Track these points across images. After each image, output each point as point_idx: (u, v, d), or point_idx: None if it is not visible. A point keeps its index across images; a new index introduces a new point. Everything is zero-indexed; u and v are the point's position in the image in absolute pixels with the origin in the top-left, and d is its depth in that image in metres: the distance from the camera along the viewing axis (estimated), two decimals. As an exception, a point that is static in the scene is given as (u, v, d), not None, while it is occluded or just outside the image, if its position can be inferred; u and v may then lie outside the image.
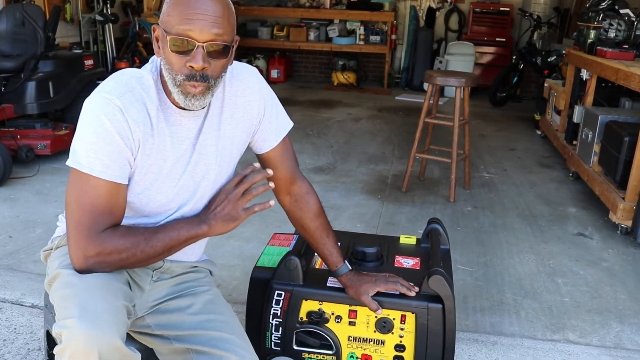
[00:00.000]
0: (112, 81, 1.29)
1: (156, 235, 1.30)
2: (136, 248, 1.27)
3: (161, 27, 1.26)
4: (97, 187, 1.24)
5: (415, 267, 1.75)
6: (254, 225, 3.09)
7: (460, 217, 3.44)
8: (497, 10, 7.63)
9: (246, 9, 8.12)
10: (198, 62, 1.22)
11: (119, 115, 1.24)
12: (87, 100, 1.27)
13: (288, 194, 1.60)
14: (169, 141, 1.33)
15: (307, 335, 1.63)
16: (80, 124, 1.26)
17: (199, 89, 1.25)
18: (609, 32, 4.17)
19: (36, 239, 2.89)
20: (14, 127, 3.95)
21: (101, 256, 1.25)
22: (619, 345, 2.19)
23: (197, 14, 1.21)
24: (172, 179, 1.36)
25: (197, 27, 1.21)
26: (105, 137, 1.23)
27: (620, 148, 3.21)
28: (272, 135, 1.52)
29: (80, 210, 1.25)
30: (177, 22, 1.21)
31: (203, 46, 1.22)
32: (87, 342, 1.11)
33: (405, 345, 1.60)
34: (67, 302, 1.19)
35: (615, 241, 3.17)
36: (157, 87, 1.32)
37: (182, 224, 1.34)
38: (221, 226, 1.35)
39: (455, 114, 3.58)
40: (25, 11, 4.16)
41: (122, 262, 1.28)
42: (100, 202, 1.25)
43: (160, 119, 1.31)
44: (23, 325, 2.14)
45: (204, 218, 1.35)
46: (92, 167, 1.23)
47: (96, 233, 1.25)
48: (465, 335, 2.18)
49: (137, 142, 1.28)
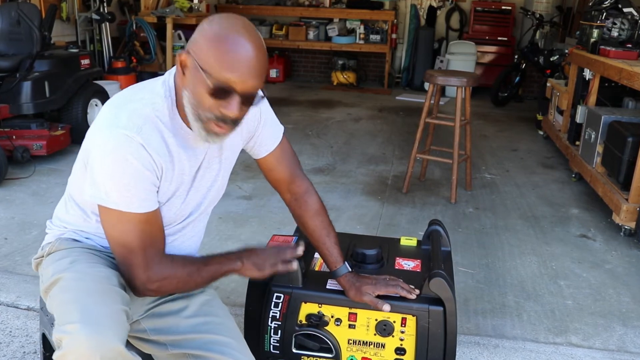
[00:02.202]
0: (126, 112, 1.25)
1: (205, 267, 1.37)
2: (190, 277, 1.34)
3: (194, 58, 1.21)
4: (139, 221, 1.27)
5: (415, 269, 1.74)
6: (253, 226, 3.08)
7: (461, 219, 3.42)
8: (499, 8, 7.62)
9: (245, 7, 8.12)
10: (234, 112, 1.22)
11: (142, 152, 1.24)
12: (104, 138, 1.23)
13: (289, 193, 1.64)
14: (187, 165, 1.35)
15: (306, 339, 1.61)
16: (105, 163, 1.23)
17: (226, 131, 1.26)
18: (612, 31, 4.16)
19: (32, 241, 2.87)
20: (10, 127, 3.93)
21: (163, 281, 1.32)
22: (622, 349, 2.18)
23: (242, 64, 1.18)
24: (179, 196, 1.38)
25: (240, 77, 1.19)
26: (136, 175, 1.24)
27: (624, 148, 3.20)
28: (271, 140, 1.55)
29: (130, 249, 1.28)
30: (218, 66, 1.17)
31: (241, 96, 1.21)
32: (89, 348, 1.11)
33: (406, 348, 1.59)
34: (67, 307, 1.19)
35: (619, 243, 3.16)
36: (172, 112, 1.30)
37: (224, 259, 1.41)
38: (250, 270, 1.42)
39: (457, 114, 3.57)
40: (20, 10, 4.15)
41: (176, 288, 1.36)
42: (145, 234, 1.29)
43: (176, 145, 1.32)
44: (19, 328, 2.13)
45: (240, 256, 1.42)
46: (129, 205, 1.25)
47: (152, 262, 1.30)
48: (466, 338, 2.17)
49: (161, 171, 1.30)
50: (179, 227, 1.44)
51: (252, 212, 3.30)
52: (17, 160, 3.79)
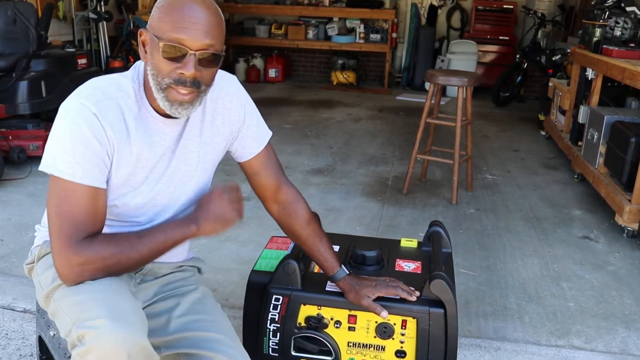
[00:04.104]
0: (90, 87, 1.28)
1: (141, 240, 1.28)
2: (121, 254, 1.25)
3: (150, 32, 1.25)
4: (78, 193, 1.23)
5: (416, 271, 1.73)
6: (251, 228, 3.07)
7: (462, 220, 3.41)
8: (500, 7, 7.60)
9: (243, 6, 8.11)
10: (190, 70, 1.23)
11: (95, 121, 1.23)
12: (63, 105, 1.26)
13: (275, 202, 1.60)
14: (146, 149, 1.32)
15: (305, 341, 1.61)
16: (57, 129, 1.25)
17: (188, 96, 1.25)
18: (615, 30, 4.16)
19: (28, 243, 2.80)
20: (6, 127, 3.91)
21: (87, 264, 1.23)
22: (625, 351, 2.17)
23: (191, 22, 1.21)
24: (148, 185, 1.36)
25: (191, 35, 1.21)
26: (84, 141, 1.22)
27: (627, 149, 3.18)
28: (254, 142, 1.52)
29: (61, 219, 1.23)
30: (170, 29, 1.21)
31: (195, 54, 1.23)
32: (115, 343, 1.11)
33: (406, 351, 1.58)
34: (87, 304, 1.18)
35: (622, 244, 3.14)
36: (139, 94, 1.31)
37: (169, 225, 1.33)
38: (212, 227, 1.32)
39: (458, 114, 3.56)
40: (16, 9, 4.12)
41: (109, 269, 1.26)
42: (81, 208, 1.24)
43: (137, 127, 1.30)
44: (15, 331, 2.12)
45: (193, 218, 1.33)
46: (73, 173, 1.22)
47: (77, 241, 1.23)
48: (467, 341, 2.16)
49: (112, 147, 1.26)
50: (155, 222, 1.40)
51: (251, 213, 3.25)
52: (14, 161, 3.77)
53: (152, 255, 1.30)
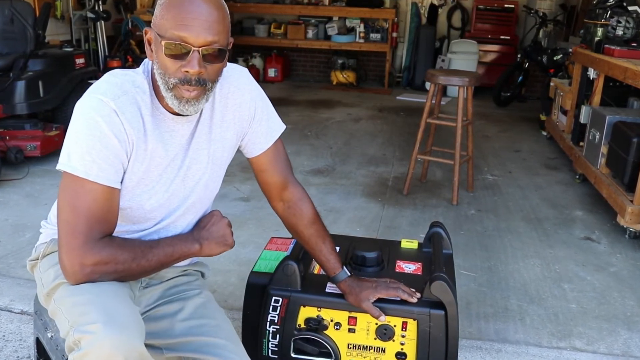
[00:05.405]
0: (106, 83, 1.27)
1: (152, 250, 1.30)
2: (133, 260, 1.26)
3: (154, 30, 1.25)
4: (93, 191, 1.22)
5: (416, 272, 1.73)
6: (251, 229, 3.07)
7: (463, 221, 3.40)
8: (501, 7, 7.59)
9: (242, 5, 8.09)
10: (194, 67, 1.22)
11: (114, 117, 1.22)
12: (80, 102, 1.25)
13: (281, 200, 1.59)
14: (160, 147, 1.32)
15: (305, 343, 1.60)
16: (74, 126, 1.23)
17: (193, 93, 1.25)
18: (617, 29, 4.16)
19: (26, 243, 2.85)
20: (3, 127, 3.90)
21: (99, 265, 1.23)
22: (627, 353, 2.17)
23: (193, 18, 1.21)
24: (163, 184, 1.35)
25: (193, 32, 1.21)
26: (102, 139, 1.21)
27: (629, 149, 3.17)
28: (263, 138, 1.51)
29: (75, 217, 1.22)
30: (172, 26, 1.21)
31: (199, 50, 1.22)
32: (112, 347, 1.11)
33: (407, 352, 1.58)
34: (85, 307, 1.17)
35: (623, 245, 3.13)
36: (150, 91, 1.31)
37: (177, 240, 1.35)
38: (214, 247, 1.38)
39: (458, 114, 3.56)
40: (14, 8, 4.11)
41: (118, 274, 1.26)
42: (96, 207, 1.23)
43: (153, 125, 1.30)
44: (12, 332, 2.12)
45: (197, 237, 1.37)
46: (88, 171, 1.21)
47: (93, 241, 1.22)
48: (468, 342, 2.16)
49: (131, 145, 1.26)
50: (165, 223, 1.40)
51: (250, 214, 3.27)
52: (11, 162, 3.76)
53: (158, 266, 1.32)
